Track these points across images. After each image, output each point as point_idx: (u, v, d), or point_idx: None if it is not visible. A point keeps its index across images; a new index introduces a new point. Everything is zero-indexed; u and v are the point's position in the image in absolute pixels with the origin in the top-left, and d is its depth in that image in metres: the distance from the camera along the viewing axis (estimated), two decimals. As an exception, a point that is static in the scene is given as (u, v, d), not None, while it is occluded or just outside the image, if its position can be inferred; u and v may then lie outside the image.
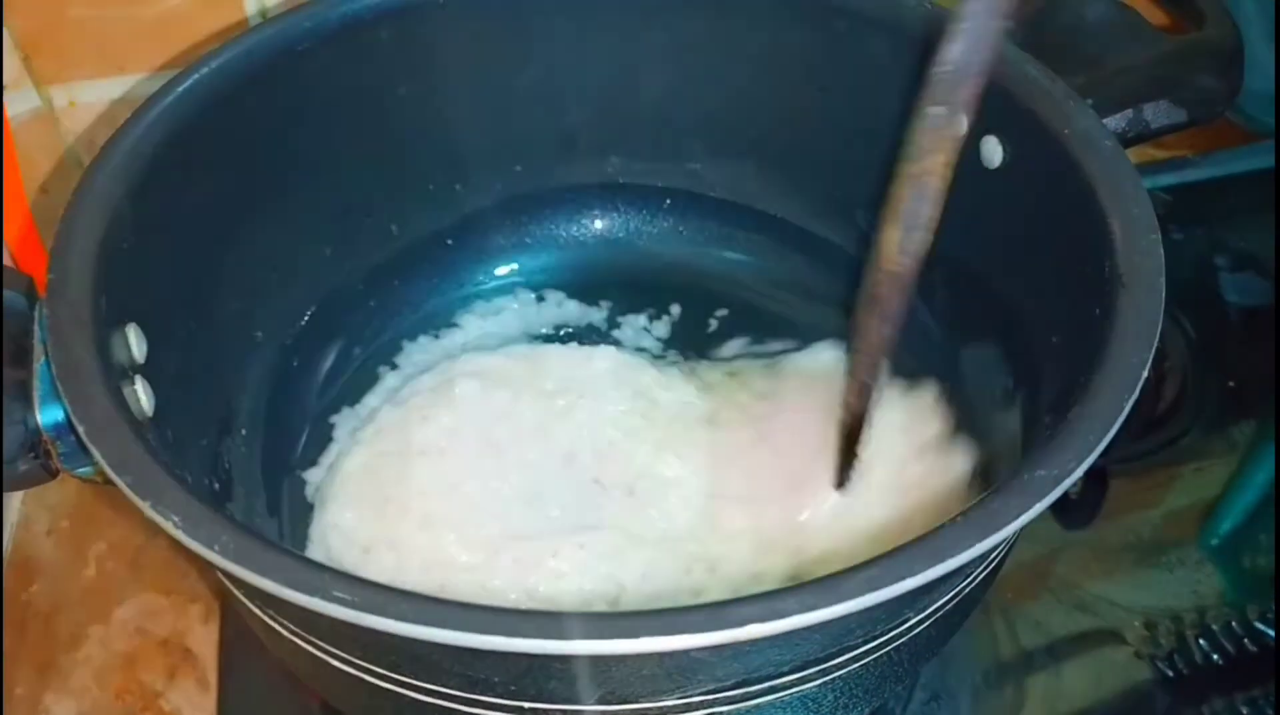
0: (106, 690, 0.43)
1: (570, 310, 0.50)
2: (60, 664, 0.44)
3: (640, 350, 0.48)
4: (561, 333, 0.49)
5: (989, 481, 0.39)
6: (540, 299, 0.50)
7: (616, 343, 0.48)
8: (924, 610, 0.29)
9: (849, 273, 0.48)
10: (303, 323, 0.45)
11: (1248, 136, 0.61)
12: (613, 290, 0.50)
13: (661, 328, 0.49)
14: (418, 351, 0.48)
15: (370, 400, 0.46)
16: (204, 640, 0.44)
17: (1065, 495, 0.26)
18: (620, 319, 0.49)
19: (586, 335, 0.49)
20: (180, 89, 0.37)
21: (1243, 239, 0.56)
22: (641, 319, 0.49)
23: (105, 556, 0.47)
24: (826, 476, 0.39)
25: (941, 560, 0.24)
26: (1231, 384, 0.51)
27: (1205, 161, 0.59)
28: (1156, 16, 0.45)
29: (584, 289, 0.50)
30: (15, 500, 0.49)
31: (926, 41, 0.39)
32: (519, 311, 0.50)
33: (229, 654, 0.43)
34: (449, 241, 0.50)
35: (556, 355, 0.46)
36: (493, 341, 0.48)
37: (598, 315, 0.50)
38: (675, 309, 0.49)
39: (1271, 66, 0.54)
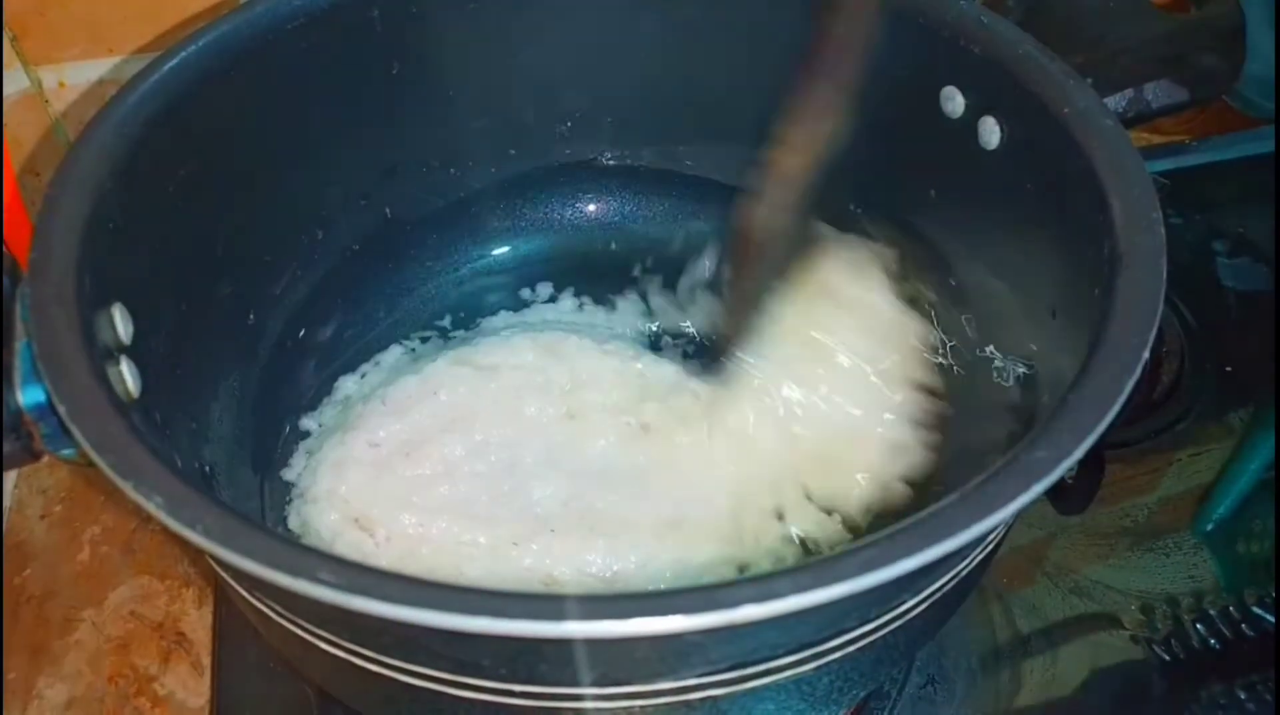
0: (100, 674, 0.43)
1: (565, 297, 0.50)
2: (53, 648, 0.43)
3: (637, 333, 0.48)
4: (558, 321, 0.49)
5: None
6: (533, 285, 0.50)
7: (610, 327, 0.48)
8: (920, 593, 0.29)
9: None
10: (296, 305, 0.45)
11: (1245, 121, 0.60)
12: (608, 272, 0.50)
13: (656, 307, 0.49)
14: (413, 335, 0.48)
15: (360, 384, 0.46)
16: (198, 624, 0.44)
17: (1061, 480, 0.26)
18: (615, 298, 0.49)
19: (582, 323, 0.48)
20: (167, 67, 0.36)
21: (1240, 224, 0.56)
22: (636, 301, 0.49)
23: (99, 541, 0.47)
24: None
25: (939, 542, 0.24)
26: (1228, 369, 0.51)
27: (1203, 146, 0.59)
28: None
29: (577, 272, 0.50)
30: (8, 484, 0.49)
31: (919, 22, 0.39)
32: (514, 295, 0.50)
33: (223, 638, 0.43)
34: (443, 224, 0.49)
35: (548, 343, 0.46)
36: (490, 325, 0.48)
37: (591, 299, 0.49)
38: (671, 293, 0.49)
39: (1269, 50, 0.54)
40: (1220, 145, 0.58)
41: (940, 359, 0.43)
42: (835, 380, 0.41)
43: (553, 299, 0.50)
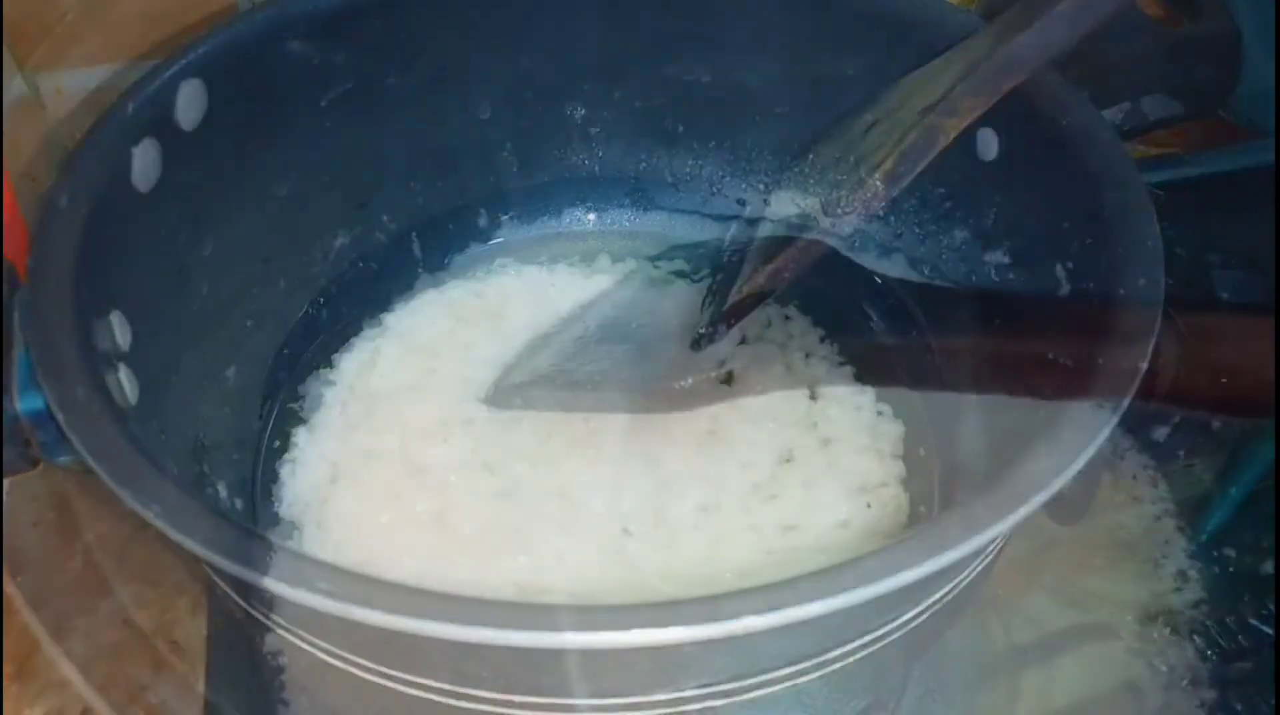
0: (91, 684, 0.42)
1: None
2: (44, 657, 0.43)
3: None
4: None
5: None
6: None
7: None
8: (920, 604, 0.29)
9: (837, 264, 0.48)
10: (294, 311, 0.45)
11: (1240, 133, 0.60)
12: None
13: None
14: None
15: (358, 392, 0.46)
16: (191, 633, 0.44)
17: (1059, 490, 0.26)
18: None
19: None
20: (167, 74, 0.36)
21: (1235, 236, 0.56)
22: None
23: (92, 548, 0.47)
24: None
25: (939, 554, 0.24)
26: (1224, 381, 0.51)
27: (1198, 159, 0.59)
28: (1153, 9, 0.45)
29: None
30: (0, 491, 0.48)
31: (919, 34, 0.40)
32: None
33: (217, 647, 0.42)
34: (442, 231, 0.49)
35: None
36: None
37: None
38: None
39: (1265, 64, 0.54)
40: (1215, 158, 0.58)
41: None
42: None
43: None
